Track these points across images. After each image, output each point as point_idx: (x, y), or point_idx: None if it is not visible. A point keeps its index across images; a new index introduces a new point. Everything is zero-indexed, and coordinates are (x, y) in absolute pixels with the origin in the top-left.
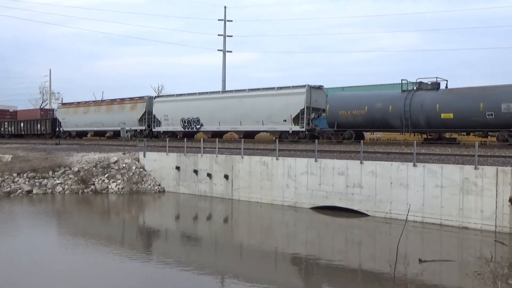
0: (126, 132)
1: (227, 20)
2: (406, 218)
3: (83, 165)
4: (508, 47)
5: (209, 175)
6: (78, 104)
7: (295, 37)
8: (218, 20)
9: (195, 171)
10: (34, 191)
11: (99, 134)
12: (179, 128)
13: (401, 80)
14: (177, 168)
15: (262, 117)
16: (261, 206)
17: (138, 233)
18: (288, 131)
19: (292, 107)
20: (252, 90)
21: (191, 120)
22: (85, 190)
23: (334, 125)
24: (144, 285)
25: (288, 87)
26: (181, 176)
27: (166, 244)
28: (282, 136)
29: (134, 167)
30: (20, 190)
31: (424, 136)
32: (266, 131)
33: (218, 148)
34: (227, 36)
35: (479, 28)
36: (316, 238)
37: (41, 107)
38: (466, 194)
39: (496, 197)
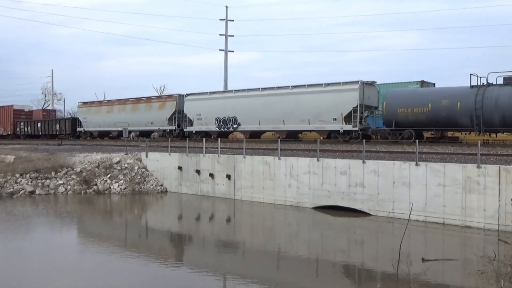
0: (154, 132)
1: (229, 20)
2: (409, 217)
3: (86, 165)
4: (510, 45)
5: (211, 175)
6: (101, 103)
7: (296, 36)
8: (220, 20)
9: (197, 171)
10: (37, 192)
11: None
12: (213, 128)
13: (470, 74)
14: (179, 168)
15: (308, 116)
16: (263, 206)
17: (141, 233)
18: (339, 130)
19: (343, 104)
20: (296, 86)
21: (227, 119)
22: (87, 190)
23: (391, 124)
24: (147, 285)
25: (339, 83)
26: (183, 176)
27: (170, 245)
28: (331, 135)
29: (136, 168)
30: (22, 191)
31: (426, 135)
32: (313, 131)
33: (220, 148)
34: (229, 35)
35: (481, 26)
36: (319, 238)
37: (43, 107)
38: (468, 193)
39: (499, 196)
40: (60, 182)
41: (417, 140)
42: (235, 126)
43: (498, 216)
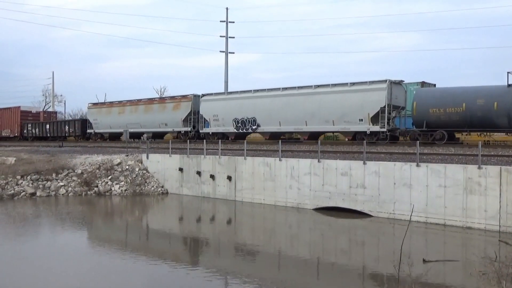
0: (168, 133)
1: (229, 22)
2: (410, 218)
3: (87, 167)
4: (510, 46)
5: (212, 176)
6: (112, 104)
7: (297, 38)
8: (220, 21)
9: (198, 173)
10: (38, 194)
11: (135, 136)
12: (231, 129)
13: (507, 72)
14: (180, 169)
15: (332, 116)
16: (264, 207)
17: (142, 235)
18: (366, 131)
19: (370, 104)
20: (320, 86)
21: (246, 120)
22: (88, 192)
23: (422, 125)
24: (148, 286)
25: (365, 83)
26: (184, 177)
27: (171, 246)
28: (357, 137)
29: (137, 169)
30: (23, 193)
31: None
32: (338, 132)
33: (221, 149)
34: (229, 37)
35: (481, 27)
36: (320, 239)
37: (44, 109)
38: (469, 194)
39: (500, 197)
40: (61, 184)
41: (417, 141)
42: (254, 127)
43: (499, 217)
